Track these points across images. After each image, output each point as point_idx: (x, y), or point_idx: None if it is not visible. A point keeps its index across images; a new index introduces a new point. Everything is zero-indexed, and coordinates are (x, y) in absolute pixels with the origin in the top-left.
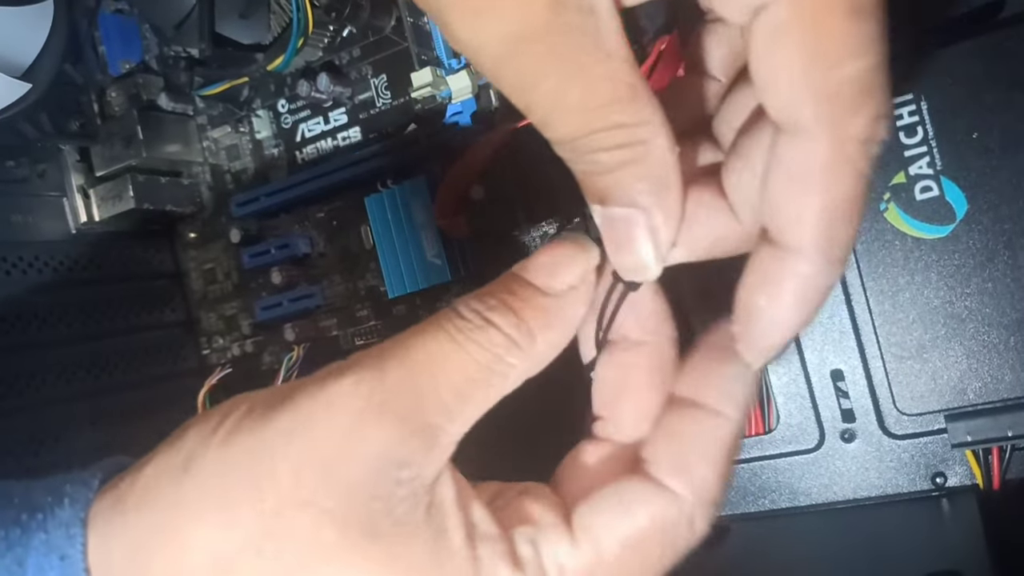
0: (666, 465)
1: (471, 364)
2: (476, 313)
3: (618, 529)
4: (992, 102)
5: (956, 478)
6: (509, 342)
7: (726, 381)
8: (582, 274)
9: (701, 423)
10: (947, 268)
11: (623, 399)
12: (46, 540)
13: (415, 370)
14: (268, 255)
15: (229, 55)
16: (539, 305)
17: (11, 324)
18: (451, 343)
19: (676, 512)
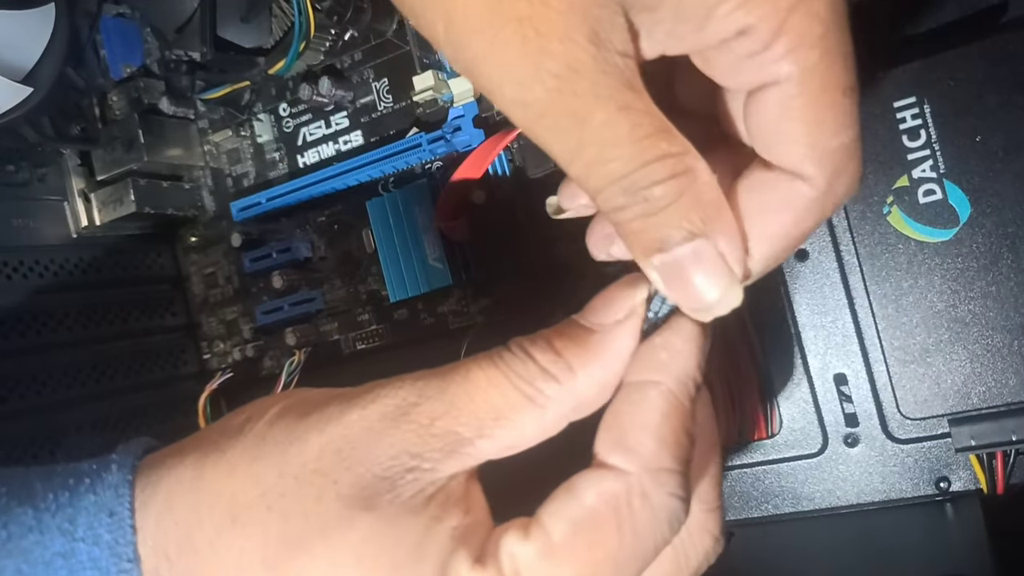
0: (607, 445)
1: (510, 389)
2: (521, 348)
3: (566, 513)
4: (995, 105)
5: (960, 483)
6: (546, 375)
7: (657, 350)
8: (630, 308)
9: (632, 396)
10: (950, 272)
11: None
12: (95, 501)
13: (452, 384)
14: (269, 259)
15: (230, 59)
16: (580, 340)
17: (12, 328)
18: (492, 368)
19: (623, 486)
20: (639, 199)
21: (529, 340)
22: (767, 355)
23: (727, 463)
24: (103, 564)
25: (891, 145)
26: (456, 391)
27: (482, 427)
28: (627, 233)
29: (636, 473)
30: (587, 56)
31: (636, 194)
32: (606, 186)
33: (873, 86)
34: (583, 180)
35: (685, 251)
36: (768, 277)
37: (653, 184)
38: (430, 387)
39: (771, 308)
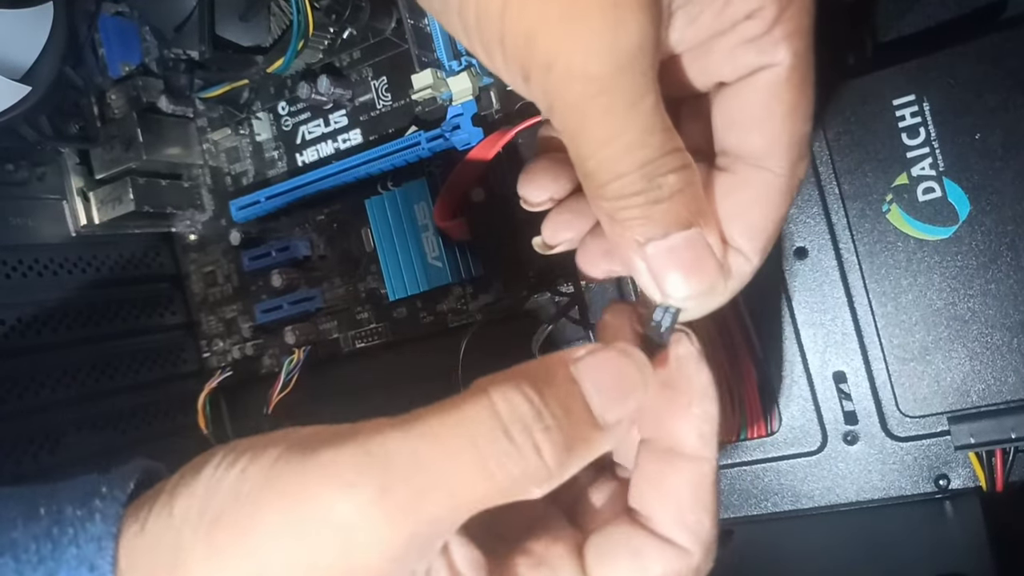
0: (668, 521)
1: (494, 490)
2: (527, 434)
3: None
4: (994, 103)
5: (959, 480)
6: (546, 475)
7: (698, 423)
8: (632, 411)
9: (687, 472)
10: (950, 270)
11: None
12: (77, 554)
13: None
14: (268, 258)
15: (229, 57)
16: (588, 439)
17: (11, 327)
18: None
19: (685, 565)
20: (655, 185)
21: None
22: (766, 353)
23: (728, 461)
24: None
25: (890, 143)
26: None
27: (455, 524)
28: (626, 221)
29: (697, 553)
30: (653, 37)
31: (654, 180)
32: (633, 171)
33: (872, 84)
34: (611, 165)
35: (680, 239)
36: (767, 275)
37: (669, 172)
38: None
39: (770, 306)
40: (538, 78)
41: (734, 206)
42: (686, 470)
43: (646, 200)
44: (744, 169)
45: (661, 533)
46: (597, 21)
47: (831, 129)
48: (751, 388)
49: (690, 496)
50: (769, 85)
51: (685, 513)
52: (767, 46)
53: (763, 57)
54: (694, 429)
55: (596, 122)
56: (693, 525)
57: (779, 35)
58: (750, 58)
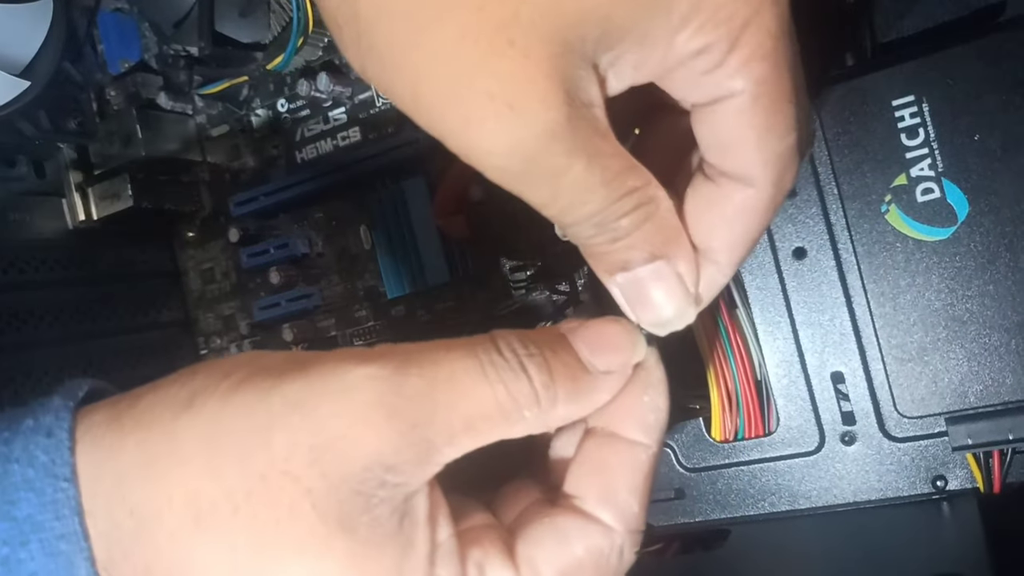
0: (595, 498)
1: (490, 402)
2: (514, 355)
3: (556, 560)
4: (994, 104)
5: (957, 481)
6: (533, 397)
7: (645, 411)
8: (623, 363)
9: (624, 455)
10: (948, 270)
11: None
12: (34, 425)
13: (436, 387)
14: (267, 255)
15: (228, 54)
16: (574, 376)
17: (7, 323)
18: (479, 374)
19: (608, 543)
20: (610, 230)
21: (524, 347)
22: (764, 353)
23: (725, 460)
24: (38, 485)
25: (889, 144)
26: (438, 396)
27: (453, 435)
28: (593, 255)
29: (621, 533)
30: (562, 118)
31: (605, 227)
32: (579, 222)
33: (872, 84)
34: (557, 220)
35: (646, 271)
36: (766, 274)
37: (622, 216)
38: (410, 387)
39: (768, 306)
40: (471, 162)
41: (715, 219)
42: (624, 453)
43: (604, 240)
44: (727, 183)
45: (586, 510)
46: (491, 126)
47: (830, 129)
48: (749, 388)
49: (623, 477)
50: (736, 111)
51: (614, 492)
52: (722, 78)
53: (721, 88)
54: (640, 417)
55: (526, 195)
56: (620, 504)
57: (735, 65)
58: (709, 89)
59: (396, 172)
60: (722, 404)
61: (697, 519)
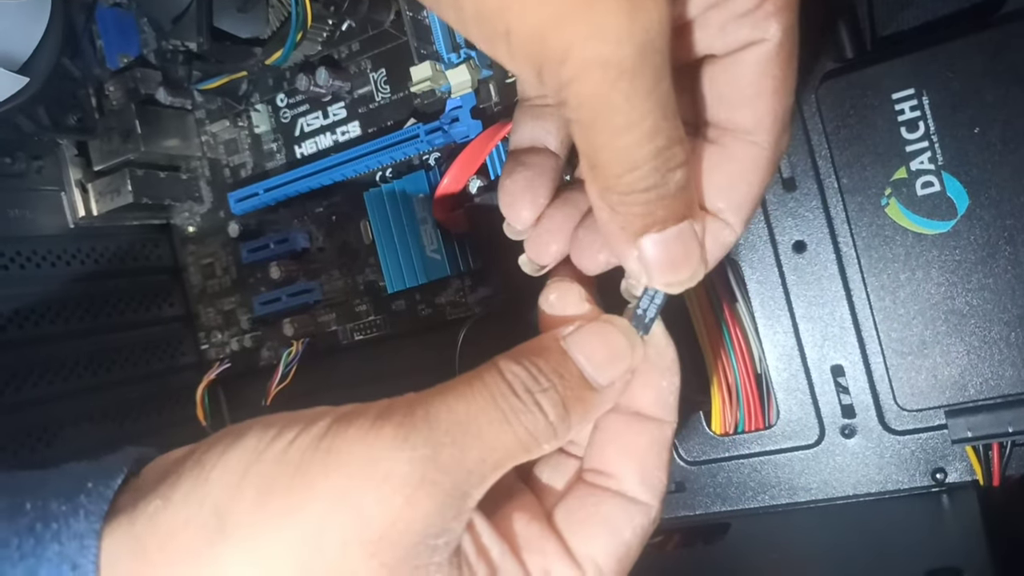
0: (634, 480)
1: (514, 443)
2: (529, 393)
3: (612, 550)
4: (994, 98)
5: (956, 474)
6: (551, 431)
7: (662, 391)
8: (625, 372)
9: (652, 433)
10: (948, 264)
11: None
12: (59, 551)
13: (467, 451)
14: (267, 250)
15: (227, 49)
16: (584, 399)
17: (9, 319)
18: (503, 423)
19: (649, 520)
20: (664, 181)
21: (534, 379)
22: (764, 346)
23: (726, 453)
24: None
25: (889, 137)
26: (470, 456)
27: (484, 479)
28: (630, 215)
29: (656, 507)
30: (669, 17)
31: (665, 174)
32: (647, 162)
33: (872, 78)
34: (628, 153)
35: (674, 232)
36: (766, 267)
37: (677, 166)
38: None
39: (769, 299)
40: (551, 71)
41: (722, 179)
42: (652, 432)
43: (655, 195)
44: (732, 142)
45: (627, 493)
46: (614, 5)
47: (830, 123)
48: (749, 381)
49: (654, 456)
50: (758, 60)
51: (649, 471)
52: (759, 20)
53: (755, 32)
54: (661, 397)
55: (616, 110)
56: (655, 482)
57: (770, 9)
58: (742, 33)
59: (396, 167)
60: (722, 397)
61: (697, 512)
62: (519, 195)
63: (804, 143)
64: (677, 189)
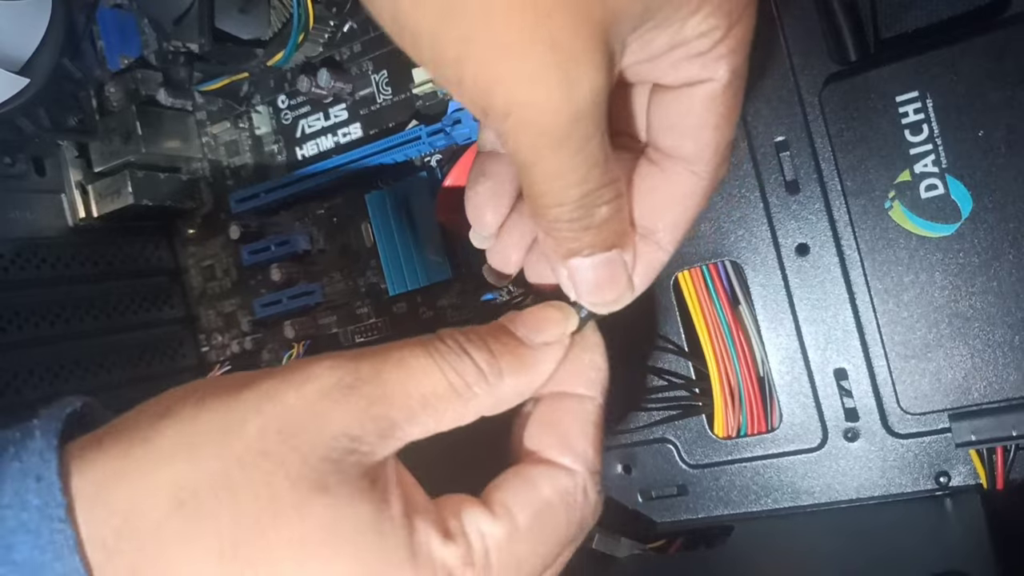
0: (555, 447)
1: (441, 381)
2: (456, 343)
3: (528, 502)
4: (998, 100)
5: (960, 478)
6: (479, 373)
7: (587, 369)
8: (559, 334)
9: (574, 408)
10: (952, 267)
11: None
12: (21, 468)
13: (388, 368)
14: (268, 252)
15: (228, 50)
16: (514, 351)
17: (8, 321)
18: (427, 358)
19: (572, 482)
20: (589, 214)
21: (464, 336)
22: (767, 349)
23: (728, 457)
24: (33, 527)
25: (893, 140)
26: (390, 377)
27: (412, 413)
28: (558, 239)
29: (582, 473)
30: (607, 87)
31: (590, 210)
32: (573, 201)
33: (875, 80)
34: (552, 196)
35: (601, 259)
36: (769, 270)
37: (603, 204)
38: (364, 369)
39: (771, 302)
40: (495, 121)
41: (659, 201)
42: (574, 407)
43: (580, 227)
44: (673, 168)
45: (548, 457)
46: (553, 80)
47: (833, 125)
48: (751, 385)
49: (576, 427)
50: (705, 97)
51: (570, 439)
52: (709, 61)
53: (704, 71)
54: (584, 374)
55: (547, 162)
56: (578, 450)
57: (722, 52)
58: (693, 71)
59: (398, 168)
60: (725, 401)
61: (700, 515)
62: (482, 205)
63: (807, 146)
64: (602, 222)
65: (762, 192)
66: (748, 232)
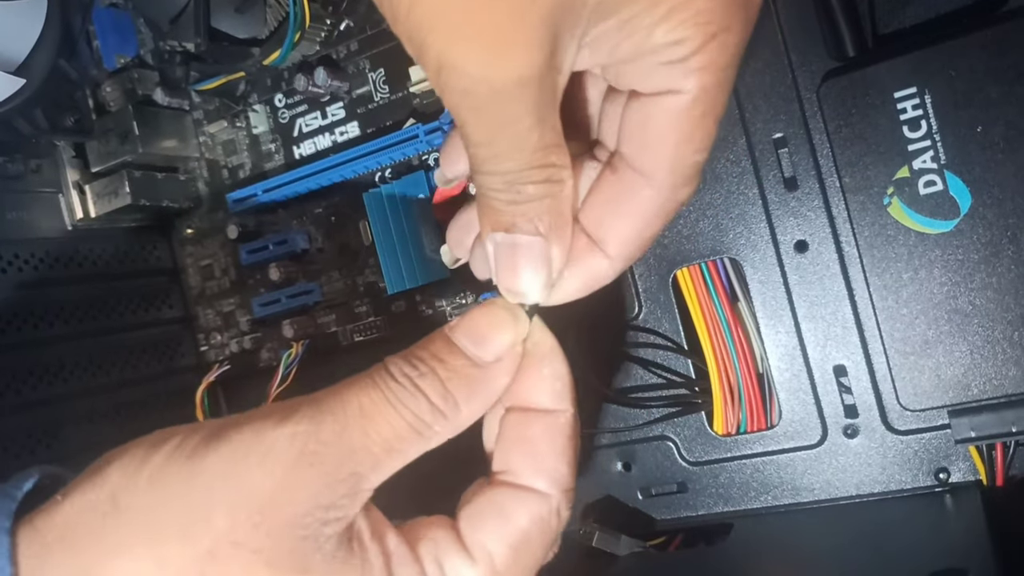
0: (527, 470)
1: (401, 425)
2: (408, 378)
3: (503, 536)
4: (996, 96)
5: (959, 474)
6: (435, 411)
7: (549, 382)
8: (511, 345)
9: (542, 424)
10: (951, 263)
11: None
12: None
13: (348, 424)
14: (266, 251)
15: (225, 49)
16: (467, 376)
17: (7, 322)
18: (384, 404)
19: (547, 508)
20: (515, 191)
21: (413, 367)
22: (766, 346)
23: (728, 454)
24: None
25: (891, 136)
26: (353, 433)
27: (377, 462)
28: (487, 207)
29: (556, 495)
30: (537, 72)
31: (515, 186)
32: (495, 173)
33: (874, 76)
34: (478, 162)
35: (524, 241)
36: (768, 267)
37: (530, 183)
38: (325, 432)
39: (770, 299)
40: (431, 75)
41: (611, 211)
42: (542, 423)
43: (504, 199)
44: (629, 178)
45: (521, 483)
46: (479, 47)
47: (832, 121)
48: (751, 381)
49: (546, 445)
50: (670, 110)
51: (542, 460)
52: (679, 73)
53: (671, 82)
54: (547, 387)
55: (470, 127)
56: (550, 470)
57: (693, 65)
58: (660, 80)
59: (396, 167)
60: (724, 398)
61: (700, 513)
62: (447, 155)
63: (806, 142)
64: (528, 201)
65: (760, 189)
66: (747, 229)
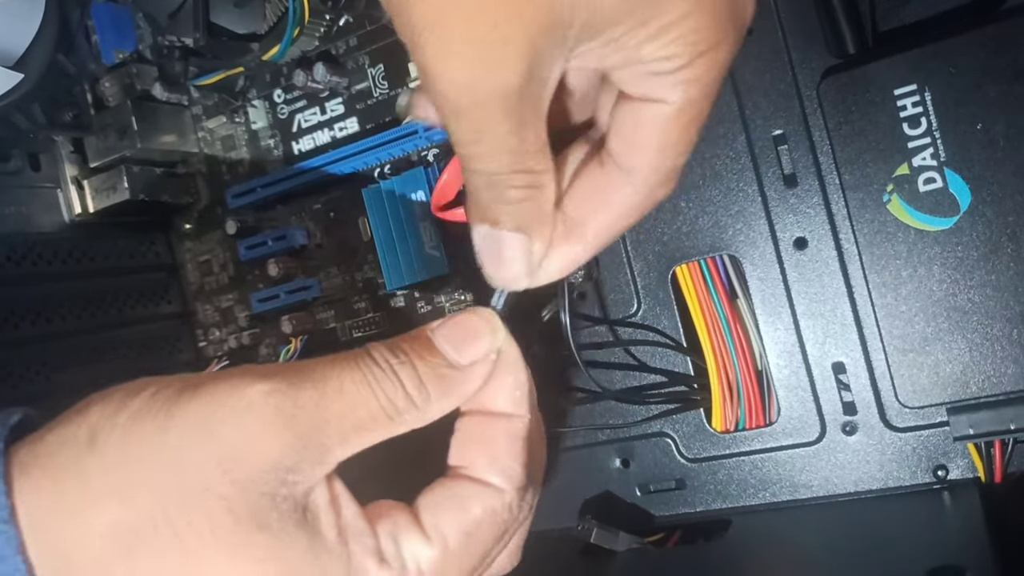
0: (483, 466)
1: (375, 406)
2: (388, 365)
3: (458, 522)
4: (996, 94)
5: (958, 471)
6: (408, 400)
7: (510, 389)
8: (486, 352)
9: (501, 427)
10: (950, 260)
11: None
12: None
13: (327, 395)
14: (265, 247)
15: (224, 45)
16: (442, 375)
17: (5, 318)
18: (364, 384)
19: (500, 502)
20: (500, 192)
21: (394, 355)
22: (765, 343)
23: (726, 451)
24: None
25: (891, 133)
26: (329, 404)
27: (345, 436)
28: (475, 201)
29: (510, 491)
30: (518, 84)
31: (499, 188)
32: (478, 172)
33: (873, 73)
34: (464, 160)
35: (507, 236)
36: (767, 264)
37: (511, 187)
38: (304, 397)
39: (769, 296)
40: (419, 74)
41: (593, 199)
42: (501, 425)
43: (490, 197)
44: (613, 172)
45: (478, 477)
46: (465, 59)
47: (831, 119)
48: (750, 378)
49: (504, 445)
50: (656, 117)
51: (498, 459)
52: (667, 84)
53: (659, 91)
54: (508, 394)
55: (452, 128)
56: (506, 468)
57: (680, 78)
58: (648, 88)
59: (394, 163)
60: (723, 394)
61: (698, 509)
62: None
63: (805, 139)
64: (513, 201)
65: (760, 186)
66: (746, 226)
